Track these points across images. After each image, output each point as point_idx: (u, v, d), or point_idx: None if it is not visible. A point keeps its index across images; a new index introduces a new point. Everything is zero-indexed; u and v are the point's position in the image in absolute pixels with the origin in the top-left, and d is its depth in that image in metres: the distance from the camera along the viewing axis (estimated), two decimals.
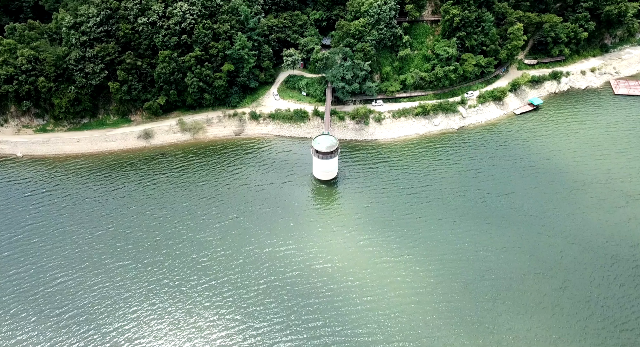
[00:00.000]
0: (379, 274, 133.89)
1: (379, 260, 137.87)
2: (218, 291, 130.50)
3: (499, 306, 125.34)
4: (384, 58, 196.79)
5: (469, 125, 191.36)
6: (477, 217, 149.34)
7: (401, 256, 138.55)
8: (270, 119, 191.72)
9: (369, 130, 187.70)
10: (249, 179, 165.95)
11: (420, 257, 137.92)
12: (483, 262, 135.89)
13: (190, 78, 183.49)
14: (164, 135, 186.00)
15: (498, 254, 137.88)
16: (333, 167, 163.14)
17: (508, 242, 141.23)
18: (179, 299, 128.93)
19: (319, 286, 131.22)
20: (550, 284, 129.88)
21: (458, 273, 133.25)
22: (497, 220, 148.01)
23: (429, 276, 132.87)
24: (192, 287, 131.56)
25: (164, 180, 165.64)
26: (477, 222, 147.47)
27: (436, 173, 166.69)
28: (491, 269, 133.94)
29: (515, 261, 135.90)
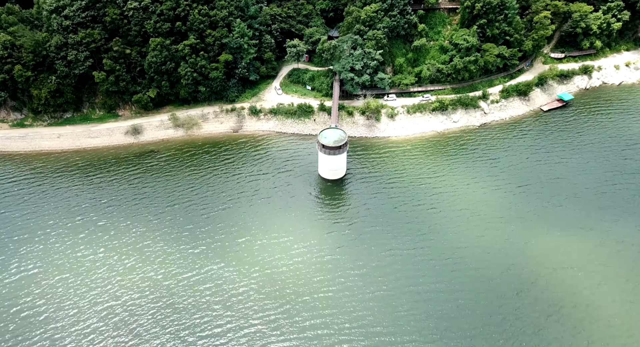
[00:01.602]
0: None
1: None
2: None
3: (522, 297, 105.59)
4: (397, 48, 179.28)
5: (492, 122, 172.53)
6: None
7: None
8: (271, 114, 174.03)
9: (381, 127, 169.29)
10: (247, 180, 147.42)
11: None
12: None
13: (184, 68, 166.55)
14: (155, 132, 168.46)
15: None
16: (341, 165, 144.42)
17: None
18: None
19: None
20: None
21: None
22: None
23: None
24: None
25: (149, 182, 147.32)
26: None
27: (456, 178, 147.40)
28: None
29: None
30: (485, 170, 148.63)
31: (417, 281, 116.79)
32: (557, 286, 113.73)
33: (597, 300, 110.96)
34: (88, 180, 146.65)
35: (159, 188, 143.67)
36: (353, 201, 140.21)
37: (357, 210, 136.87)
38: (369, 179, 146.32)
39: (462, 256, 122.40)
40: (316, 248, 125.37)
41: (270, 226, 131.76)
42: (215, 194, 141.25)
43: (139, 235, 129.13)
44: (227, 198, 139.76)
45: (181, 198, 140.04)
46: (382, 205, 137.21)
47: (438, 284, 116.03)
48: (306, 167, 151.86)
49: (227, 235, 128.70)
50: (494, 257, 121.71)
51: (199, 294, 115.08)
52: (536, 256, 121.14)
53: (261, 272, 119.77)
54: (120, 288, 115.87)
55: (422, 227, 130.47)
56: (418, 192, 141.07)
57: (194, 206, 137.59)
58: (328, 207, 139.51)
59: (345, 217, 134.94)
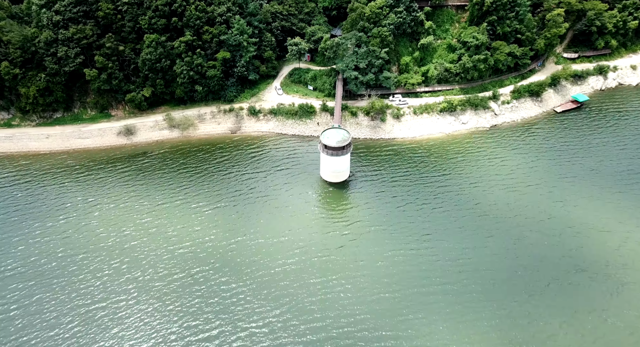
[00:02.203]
0: None
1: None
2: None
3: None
4: (403, 47, 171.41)
5: (503, 123, 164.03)
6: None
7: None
8: (271, 115, 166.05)
9: (386, 128, 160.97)
10: (244, 182, 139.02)
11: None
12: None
13: (179, 66, 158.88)
14: (149, 132, 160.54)
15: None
16: (344, 167, 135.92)
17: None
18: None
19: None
20: None
21: None
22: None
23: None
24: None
25: (140, 182, 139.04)
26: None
27: (464, 179, 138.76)
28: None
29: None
30: (494, 169, 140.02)
31: (423, 282, 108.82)
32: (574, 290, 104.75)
33: None
34: (75, 180, 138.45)
35: (150, 188, 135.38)
36: (355, 199, 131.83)
37: (359, 209, 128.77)
38: (373, 181, 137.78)
39: (470, 256, 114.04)
40: (315, 248, 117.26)
41: (265, 226, 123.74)
42: (210, 196, 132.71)
43: (126, 235, 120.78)
44: (221, 198, 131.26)
45: (172, 198, 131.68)
46: (386, 204, 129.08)
47: (446, 286, 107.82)
48: (307, 169, 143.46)
49: (218, 235, 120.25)
50: (504, 259, 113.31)
51: (188, 296, 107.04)
52: (552, 257, 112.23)
53: (256, 273, 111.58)
54: (111, 284, 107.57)
55: (427, 226, 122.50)
56: (423, 193, 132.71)
57: (188, 213, 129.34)
58: (328, 206, 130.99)
59: (346, 217, 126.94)
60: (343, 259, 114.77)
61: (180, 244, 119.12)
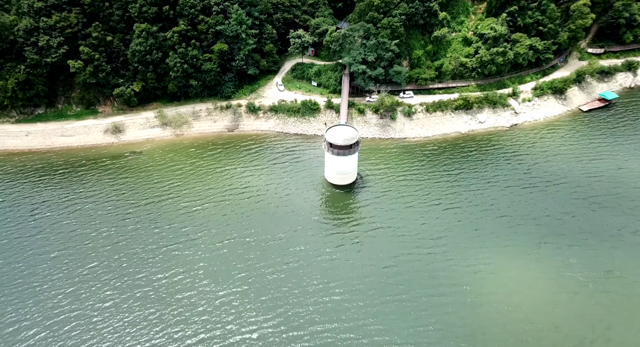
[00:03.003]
0: None
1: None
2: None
3: None
4: (414, 40, 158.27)
5: (524, 123, 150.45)
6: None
7: None
8: (271, 112, 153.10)
9: (396, 127, 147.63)
10: (240, 183, 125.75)
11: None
12: None
13: (172, 59, 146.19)
14: (138, 130, 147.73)
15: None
16: (351, 168, 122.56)
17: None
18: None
19: None
20: None
21: None
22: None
23: None
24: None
25: (126, 183, 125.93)
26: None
27: (479, 179, 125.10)
28: None
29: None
30: (516, 173, 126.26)
31: (433, 284, 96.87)
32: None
33: None
34: (54, 180, 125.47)
35: (138, 190, 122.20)
36: (360, 198, 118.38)
37: (364, 208, 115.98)
38: (381, 182, 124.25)
39: (490, 261, 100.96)
40: (314, 250, 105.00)
41: (261, 225, 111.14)
42: (202, 198, 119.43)
43: (108, 236, 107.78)
44: (215, 202, 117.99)
45: (159, 197, 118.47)
46: (393, 202, 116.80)
47: (460, 287, 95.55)
48: (310, 170, 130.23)
49: (208, 237, 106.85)
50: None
51: (173, 302, 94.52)
52: (574, 265, 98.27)
53: (249, 277, 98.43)
54: (85, 289, 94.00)
55: (439, 226, 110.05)
56: (435, 192, 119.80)
57: (173, 205, 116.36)
58: (331, 206, 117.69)
59: (350, 216, 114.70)
60: (346, 261, 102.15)
61: (166, 245, 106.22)
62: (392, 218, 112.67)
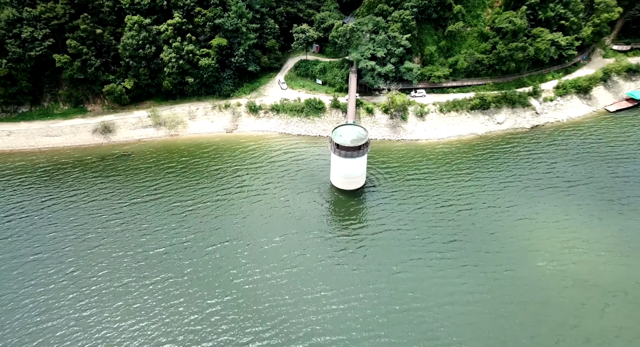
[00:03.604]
0: None
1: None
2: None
3: None
4: (427, 35, 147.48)
5: (546, 124, 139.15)
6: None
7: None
8: (273, 112, 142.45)
9: (408, 128, 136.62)
10: (236, 187, 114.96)
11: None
12: None
13: (167, 54, 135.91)
14: (130, 131, 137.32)
15: None
16: (360, 171, 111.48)
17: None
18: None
19: None
20: None
21: None
22: None
23: None
24: None
25: (114, 188, 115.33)
26: None
27: (495, 184, 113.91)
28: None
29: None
30: (541, 176, 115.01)
31: (449, 290, 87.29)
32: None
33: None
34: (34, 181, 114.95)
35: (125, 191, 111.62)
36: (366, 198, 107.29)
37: (371, 210, 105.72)
38: (391, 185, 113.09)
39: (511, 267, 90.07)
40: (315, 255, 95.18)
41: (259, 228, 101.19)
42: (198, 203, 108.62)
43: (89, 239, 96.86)
44: (213, 208, 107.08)
45: (150, 199, 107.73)
46: (402, 203, 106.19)
47: (478, 294, 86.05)
48: (314, 173, 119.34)
49: (198, 238, 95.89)
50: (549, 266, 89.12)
51: (160, 312, 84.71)
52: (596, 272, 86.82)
53: (245, 284, 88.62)
54: (62, 297, 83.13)
55: (453, 229, 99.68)
56: (447, 193, 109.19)
57: (162, 206, 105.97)
58: (335, 208, 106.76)
59: (355, 218, 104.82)
60: (351, 267, 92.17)
61: (154, 248, 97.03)
62: (400, 219, 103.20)
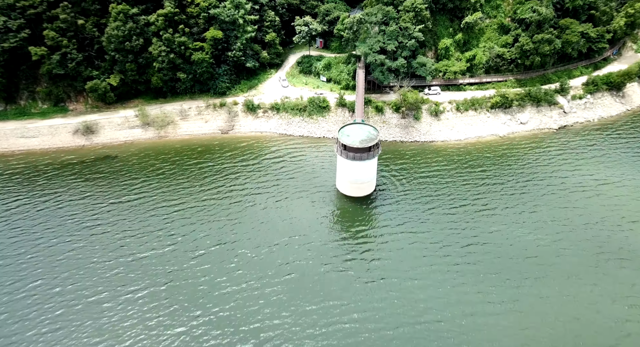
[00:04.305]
0: None
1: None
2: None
3: None
4: (442, 27, 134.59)
5: (575, 124, 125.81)
6: None
7: None
8: (273, 111, 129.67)
9: (422, 128, 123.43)
10: (227, 182, 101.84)
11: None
12: None
13: (156, 47, 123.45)
14: (115, 131, 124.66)
15: None
16: (369, 176, 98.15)
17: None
18: None
19: None
20: None
21: None
22: None
23: None
24: None
25: (91, 190, 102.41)
26: None
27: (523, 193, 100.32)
28: None
29: None
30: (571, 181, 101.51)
31: (471, 299, 75.14)
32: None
33: None
34: (6, 187, 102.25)
35: (103, 194, 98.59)
36: (376, 206, 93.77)
37: (380, 217, 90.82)
38: (404, 193, 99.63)
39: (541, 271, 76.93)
40: (315, 263, 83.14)
41: (251, 233, 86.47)
42: (189, 213, 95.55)
43: (58, 247, 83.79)
44: (207, 221, 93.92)
45: (131, 201, 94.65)
46: (413, 209, 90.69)
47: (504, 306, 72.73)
48: (318, 178, 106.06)
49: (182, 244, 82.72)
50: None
51: (134, 334, 71.72)
52: None
53: (234, 298, 74.83)
54: None
55: (472, 235, 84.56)
56: (466, 194, 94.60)
57: (144, 208, 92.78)
58: (341, 215, 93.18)
59: (362, 225, 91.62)
60: (357, 276, 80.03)
61: (133, 254, 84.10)
62: (413, 226, 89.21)
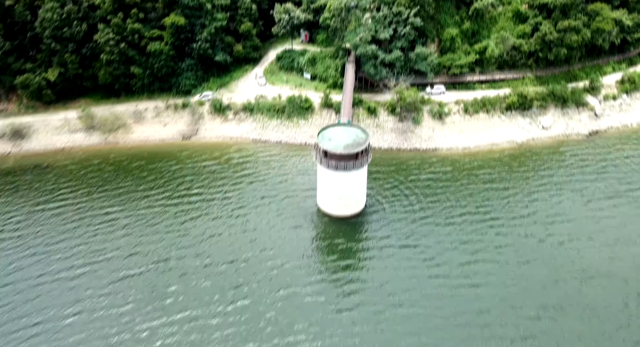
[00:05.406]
0: None
1: None
2: None
3: None
4: (446, 14, 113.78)
5: (608, 129, 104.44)
6: None
7: None
8: (246, 112, 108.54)
9: (422, 133, 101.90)
10: (180, 208, 79.88)
11: None
12: None
13: (103, 35, 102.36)
14: (51, 136, 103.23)
15: None
16: (357, 190, 76.13)
17: None
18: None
19: None
20: None
21: None
22: None
23: None
24: None
25: (19, 216, 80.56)
26: None
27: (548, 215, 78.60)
28: None
29: None
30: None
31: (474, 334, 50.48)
32: None
33: None
34: None
35: (25, 213, 76.86)
36: (365, 227, 71.53)
37: (360, 225, 68.32)
38: (399, 213, 77.68)
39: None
40: (273, 284, 63.42)
41: (208, 246, 63.57)
42: (124, 223, 73.55)
43: None
44: (146, 233, 71.91)
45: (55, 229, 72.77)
46: (401, 217, 68.46)
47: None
48: (296, 195, 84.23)
49: None
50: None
51: None
52: None
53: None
54: None
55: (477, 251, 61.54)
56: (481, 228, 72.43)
57: (89, 253, 70.52)
58: (317, 232, 70.77)
59: (333, 230, 67.64)
60: (327, 302, 56.30)
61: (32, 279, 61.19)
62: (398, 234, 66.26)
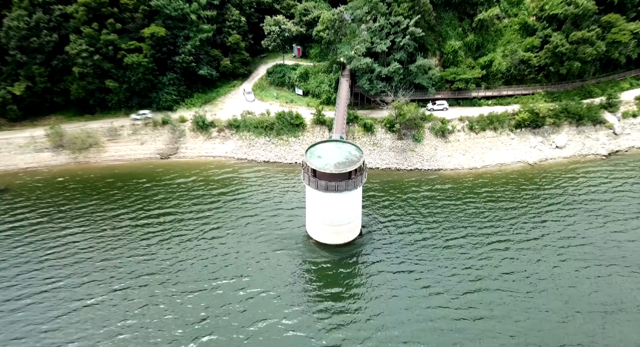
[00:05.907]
0: None
1: None
2: None
3: None
4: (448, 26, 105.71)
5: (630, 149, 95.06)
6: None
7: None
8: (231, 130, 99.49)
9: (424, 152, 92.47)
10: (149, 229, 69.63)
11: None
12: None
13: (76, 46, 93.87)
14: (13, 155, 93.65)
15: None
16: (351, 214, 65.97)
17: None
18: None
19: None
20: None
21: None
22: None
23: None
24: None
25: None
26: None
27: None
28: None
29: None
30: None
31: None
32: None
33: None
34: None
35: None
36: (361, 259, 60.93)
37: (349, 250, 57.46)
38: (398, 239, 67.46)
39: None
40: (246, 316, 49.17)
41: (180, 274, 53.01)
42: (93, 267, 63.14)
43: None
44: (108, 258, 61.40)
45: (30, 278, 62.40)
46: (395, 239, 57.90)
47: None
48: (283, 220, 74.12)
49: None
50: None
51: None
52: None
53: None
54: None
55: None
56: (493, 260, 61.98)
57: (37, 280, 59.88)
58: (305, 264, 60.01)
59: (318, 255, 56.14)
60: (307, 337, 44.74)
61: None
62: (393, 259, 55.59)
